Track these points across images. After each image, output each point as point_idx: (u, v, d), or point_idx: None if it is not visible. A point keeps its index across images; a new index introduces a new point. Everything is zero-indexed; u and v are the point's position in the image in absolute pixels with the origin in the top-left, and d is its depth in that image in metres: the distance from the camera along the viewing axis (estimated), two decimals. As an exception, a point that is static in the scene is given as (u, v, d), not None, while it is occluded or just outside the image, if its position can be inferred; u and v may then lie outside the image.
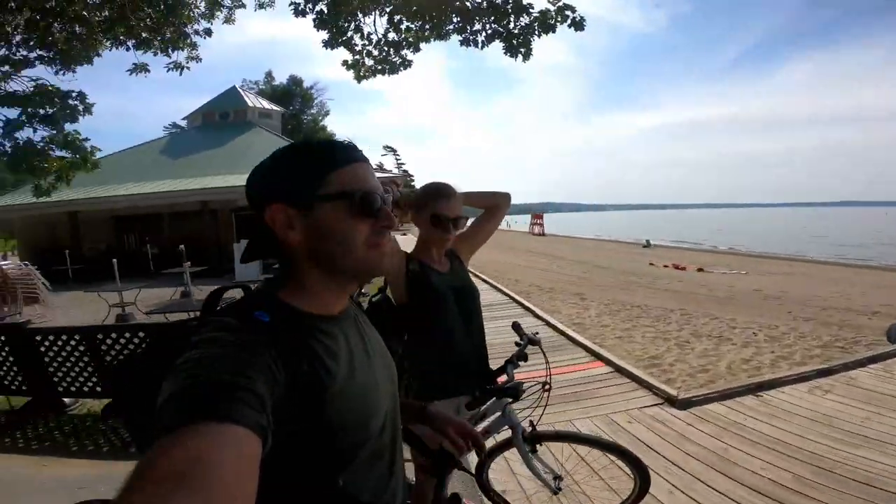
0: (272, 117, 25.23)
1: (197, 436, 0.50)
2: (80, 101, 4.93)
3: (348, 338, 0.82)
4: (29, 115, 4.65)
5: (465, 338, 1.80)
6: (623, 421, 3.70)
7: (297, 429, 0.67)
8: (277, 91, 45.45)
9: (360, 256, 0.79)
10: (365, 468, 0.79)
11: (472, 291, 1.89)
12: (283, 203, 0.77)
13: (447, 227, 1.76)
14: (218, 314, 0.72)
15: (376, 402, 0.82)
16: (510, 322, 2.33)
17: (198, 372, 0.58)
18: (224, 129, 22.62)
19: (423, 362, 1.75)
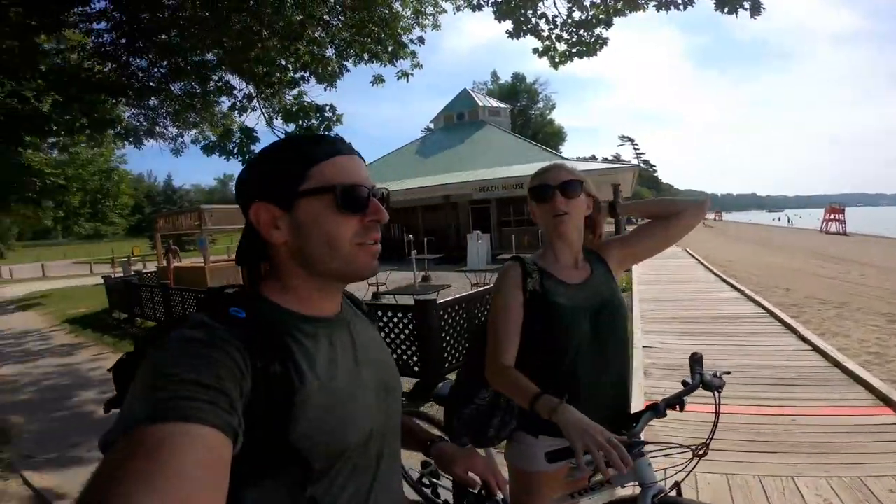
0: (501, 115, 26.55)
1: (160, 436, 0.49)
2: (332, 113, 5.91)
3: (333, 342, 0.77)
4: (299, 129, 5.83)
5: (595, 368, 1.40)
6: (881, 489, 2.56)
7: (264, 432, 0.64)
8: (504, 89, 47.33)
9: (347, 256, 0.75)
10: (341, 482, 0.73)
11: (616, 310, 1.45)
12: (266, 201, 0.74)
13: (549, 194, 1.39)
14: (199, 310, 0.71)
15: (357, 414, 0.76)
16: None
17: (163, 370, 0.57)
18: (460, 129, 24.95)
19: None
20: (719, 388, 1.42)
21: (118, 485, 0.44)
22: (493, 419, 1.47)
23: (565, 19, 5.85)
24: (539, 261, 1.45)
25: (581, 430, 1.08)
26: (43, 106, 5.97)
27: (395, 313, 4.75)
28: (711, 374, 1.44)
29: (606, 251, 1.53)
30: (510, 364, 1.33)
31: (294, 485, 0.69)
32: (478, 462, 1.01)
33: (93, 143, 10.47)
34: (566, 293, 1.39)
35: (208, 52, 6.20)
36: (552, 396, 1.19)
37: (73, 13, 5.33)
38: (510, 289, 1.38)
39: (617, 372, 1.44)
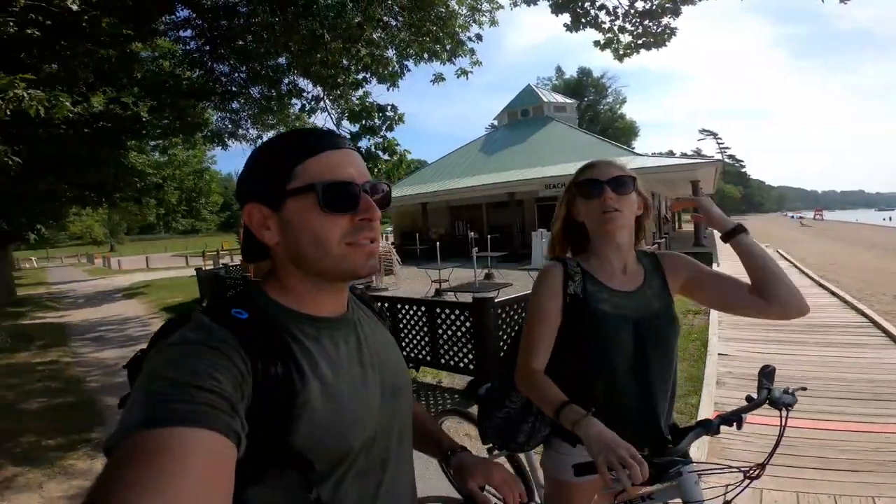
0: (567, 110, 25.72)
1: (160, 441, 0.49)
2: (394, 112, 6.05)
3: (336, 343, 0.75)
4: (363, 128, 6.03)
5: (635, 383, 1.28)
6: None
7: (266, 434, 0.63)
8: (570, 84, 45.81)
9: (337, 256, 0.72)
10: (345, 486, 0.72)
11: (667, 324, 1.31)
12: (257, 202, 0.73)
13: (598, 190, 1.28)
14: (203, 311, 0.69)
15: (360, 416, 0.74)
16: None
17: (162, 374, 0.56)
18: (525, 126, 24.47)
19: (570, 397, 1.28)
20: (789, 405, 1.24)
21: (117, 492, 0.44)
22: (523, 424, 1.41)
23: (627, 10, 5.54)
24: (583, 263, 1.34)
25: (603, 444, 1.02)
26: (141, 111, 6.68)
27: (452, 310, 4.75)
28: (782, 390, 1.26)
29: (672, 269, 1.38)
30: (540, 369, 1.26)
31: (297, 487, 0.68)
32: (496, 476, 0.95)
33: (187, 145, 11.53)
34: (610, 300, 1.28)
35: (279, 57, 6.59)
36: (578, 408, 1.12)
37: (162, 22, 5.93)
38: (548, 291, 1.29)
39: (661, 388, 1.30)
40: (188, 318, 0.68)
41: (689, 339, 5.79)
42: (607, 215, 1.27)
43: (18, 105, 3.06)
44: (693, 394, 4.05)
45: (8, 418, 4.31)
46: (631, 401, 1.27)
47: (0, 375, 5.89)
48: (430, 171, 24.90)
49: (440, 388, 4.83)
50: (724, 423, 1.22)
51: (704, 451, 2.97)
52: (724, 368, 4.63)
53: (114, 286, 18.63)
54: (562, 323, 1.29)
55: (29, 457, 3.53)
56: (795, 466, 2.78)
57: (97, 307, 12.82)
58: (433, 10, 6.24)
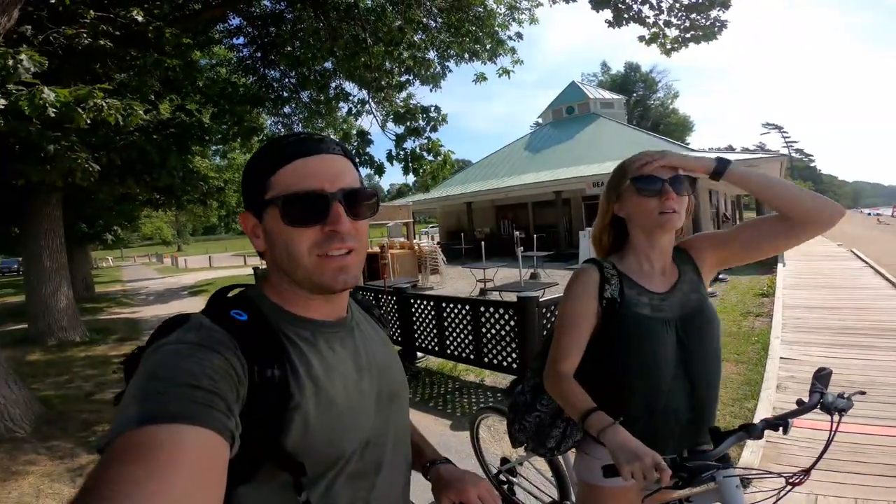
0: (614, 106, 24.85)
1: (154, 438, 0.49)
2: (437, 113, 6.11)
3: (333, 348, 0.76)
4: (408, 130, 6.14)
5: (677, 387, 1.22)
6: None
7: (258, 435, 0.63)
8: (616, 80, 44.24)
9: (308, 268, 0.71)
10: (336, 489, 0.72)
11: (708, 321, 1.25)
12: (248, 209, 0.75)
13: (658, 188, 1.19)
14: (203, 311, 0.71)
15: (354, 422, 0.74)
16: None
17: (158, 372, 0.57)
18: (571, 123, 23.86)
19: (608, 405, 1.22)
20: (843, 410, 1.16)
21: (107, 490, 0.44)
22: (554, 430, 1.39)
23: (672, 3, 5.30)
24: (619, 264, 1.28)
25: (629, 453, 1.01)
26: (203, 117, 7.14)
27: (496, 309, 4.75)
28: (837, 395, 1.19)
29: (697, 251, 1.32)
30: (570, 373, 1.24)
31: (288, 488, 0.68)
32: (470, 493, 0.88)
33: (244, 149, 12.17)
34: (650, 303, 1.23)
35: (325, 62, 6.84)
36: (605, 415, 1.10)
37: (217, 30, 6.31)
38: (583, 295, 1.25)
39: (707, 389, 1.25)
40: (187, 317, 0.68)
41: (748, 342, 5.48)
42: (665, 217, 1.20)
43: (98, 114, 3.37)
44: (750, 398, 3.84)
45: (86, 408, 4.66)
46: (677, 404, 1.23)
47: (80, 367, 6.39)
48: (475, 171, 24.88)
49: (483, 387, 4.84)
50: (770, 427, 1.15)
51: (759, 455, 2.83)
52: (786, 373, 4.34)
53: (181, 284, 19.88)
54: (598, 328, 1.25)
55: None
56: (856, 473, 2.67)
57: (166, 304, 13.79)
58: (471, 11, 6.25)
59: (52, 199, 7.38)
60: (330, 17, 6.01)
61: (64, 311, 7.82)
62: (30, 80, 3.08)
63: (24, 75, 2.99)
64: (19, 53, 2.98)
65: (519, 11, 6.68)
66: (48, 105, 3.07)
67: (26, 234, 7.57)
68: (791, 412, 1.17)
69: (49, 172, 4.85)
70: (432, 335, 5.46)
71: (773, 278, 9.65)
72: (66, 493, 3.08)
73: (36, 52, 3.17)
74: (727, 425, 3.42)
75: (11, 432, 3.87)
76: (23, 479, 3.25)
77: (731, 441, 1.14)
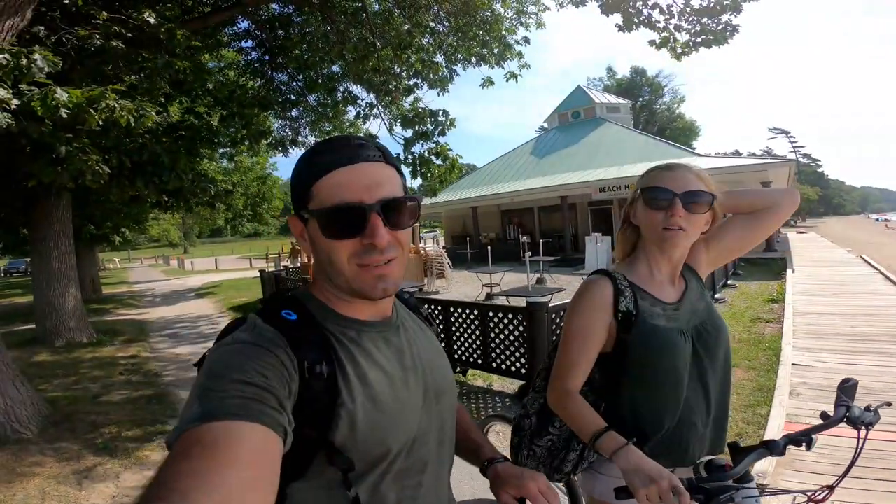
0: (620, 111, 24.83)
1: (214, 434, 0.51)
2: (445, 117, 6.12)
3: (379, 347, 0.77)
4: (416, 134, 6.14)
5: (693, 400, 1.18)
6: None
7: (308, 431, 0.66)
8: (622, 84, 44.24)
9: (348, 276, 0.73)
10: (384, 486, 0.73)
11: (719, 329, 1.22)
12: (296, 214, 0.77)
13: (667, 201, 1.14)
14: (258, 312, 0.72)
15: (400, 419, 0.74)
16: None
17: (216, 371, 0.60)
18: (576, 128, 23.86)
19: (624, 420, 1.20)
20: (870, 424, 1.10)
21: (175, 482, 0.47)
22: (570, 453, 1.29)
23: (683, 8, 5.29)
24: (629, 274, 1.23)
25: (644, 475, 0.96)
26: (212, 120, 7.17)
27: (504, 314, 4.72)
28: (864, 408, 1.13)
29: (693, 256, 1.29)
30: (576, 390, 1.18)
31: (337, 484, 0.69)
32: (530, 487, 0.88)
33: (251, 152, 12.25)
34: (664, 313, 1.18)
35: (333, 65, 6.87)
36: (618, 435, 1.06)
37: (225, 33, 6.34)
38: (594, 309, 1.18)
39: (721, 400, 1.21)
40: (244, 319, 0.71)
41: (759, 349, 5.42)
42: (668, 233, 1.15)
43: (111, 115, 3.39)
44: (763, 404, 3.78)
45: (93, 410, 4.66)
46: (695, 413, 1.19)
47: (87, 368, 6.41)
48: (481, 175, 24.90)
49: (490, 392, 4.80)
50: (792, 443, 1.10)
51: (773, 462, 2.78)
52: (799, 379, 4.28)
53: (187, 286, 19.97)
54: (613, 342, 1.19)
55: (109, 447, 3.74)
56: (871, 479, 2.63)
57: (173, 305, 13.82)
58: (478, 15, 6.28)
59: (62, 201, 7.43)
60: (338, 20, 6.04)
61: (72, 312, 7.86)
62: (43, 80, 3.10)
63: (38, 75, 3.01)
64: (33, 53, 2.99)
65: (526, 16, 6.72)
66: (61, 106, 3.09)
67: (35, 236, 7.62)
68: (815, 427, 1.12)
69: (60, 174, 4.88)
70: (440, 339, 5.41)
71: (783, 284, 9.56)
72: (71, 496, 3.06)
73: (49, 52, 3.18)
74: (740, 431, 3.37)
75: (18, 433, 3.86)
76: (28, 480, 3.24)
77: (752, 458, 1.09)
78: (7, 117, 3.04)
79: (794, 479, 2.67)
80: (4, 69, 2.81)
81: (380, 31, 6.08)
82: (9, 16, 3.13)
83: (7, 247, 15.07)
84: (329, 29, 6.25)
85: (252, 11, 6.70)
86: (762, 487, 1.17)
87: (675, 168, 1.18)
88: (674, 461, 1.17)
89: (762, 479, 2.67)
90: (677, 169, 1.18)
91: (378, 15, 6.34)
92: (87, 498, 3.06)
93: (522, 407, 1.43)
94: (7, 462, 3.47)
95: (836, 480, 1.06)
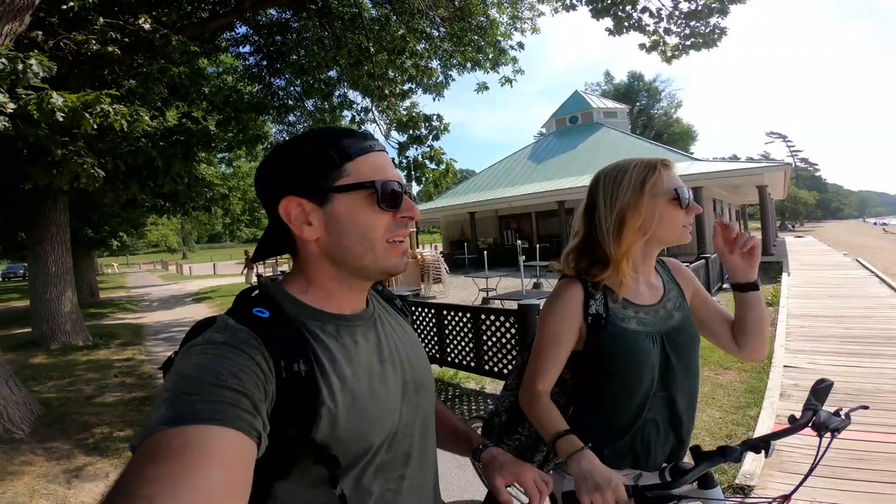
0: (617, 115, 24.95)
1: (182, 439, 0.50)
2: (439, 122, 6.18)
3: (356, 340, 0.76)
4: (410, 138, 6.20)
5: (660, 405, 1.20)
6: None
7: (289, 430, 0.65)
8: (619, 89, 44.49)
9: (379, 252, 0.74)
10: (366, 480, 0.73)
11: (692, 338, 1.24)
12: (298, 196, 0.72)
13: (689, 202, 1.18)
14: (229, 312, 0.71)
15: (380, 413, 0.74)
16: None
17: (186, 374, 0.58)
18: (574, 133, 23.93)
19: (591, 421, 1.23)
20: (836, 430, 1.07)
21: (141, 489, 0.45)
22: (536, 454, 1.32)
23: (671, 11, 5.37)
24: (603, 277, 1.22)
25: (592, 483, 0.99)
26: (209, 125, 7.22)
27: (497, 317, 4.73)
28: (832, 412, 1.10)
29: (684, 278, 1.33)
30: (546, 392, 1.21)
31: (322, 482, 0.69)
32: (527, 475, 0.90)
33: (249, 157, 12.31)
34: (636, 316, 1.19)
35: (329, 70, 6.95)
36: (576, 439, 1.08)
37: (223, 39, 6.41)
38: (565, 312, 1.19)
39: (686, 405, 1.23)
40: (214, 319, 0.70)
41: (751, 351, 5.44)
42: (686, 230, 1.19)
43: (105, 119, 3.42)
44: (754, 405, 3.80)
45: (86, 411, 4.64)
46: (658, 417, 1.20)
47: (82, 370, 6.39)
48: (478, 180, 24.96)
49: (483, 394, 4.81)
50: (750, 449, 1.08)
51: (759, 464, 2.79)
52: (790, 381, 4.31)
53: (185, 291, 19.91)
54: (585, 345, 1.21)
55: (100, 447, 3.74)
56: (861, 480, 2.65)
57: (170, 310, 13.82)
58: (473, 20, 6.36)
59: (59, 205, 7.46)
60: (335, 26, 6.11)
61: (68, 316, 7.86)
62: (39, 84, 3.14)
63: (34, 80, 3.04)
64: (29, 58, 3.03)
65: (521, 21, 6.82)
66: (57, 109, 3.12)
67: (33, 239, 7.64)
68: (776, 433, 1.12)
69: (56, 177, 4.91)
70: (433, 343, 5.44)
71: (778, 287, 9.59)
72: (60, 494, 3.06)
73: (45, 57, 3.22)
74: (730, 433, 3.38)
75: (10, 433, 3.86)
76: (18, 479, 3.23)
77: (706, 466, 1.08)
78: (4, 121, 3.07)
79: (783, 481, 2.68)
80: (1, 74, 2.85)
81: (375, 37, 6.15)
82: (7, 21, 3.18)
83: (4, 250, 15.06)
84: (326, 34, 6.33)
85: (250, 17, 6.78)
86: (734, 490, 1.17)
87: (672, 166, 1.21)
88: (637, 464, 1.19)
89: (749, 480, 2.68)
90: (672, 169, 1.21)
91: (374, 20, 6.42)
92: (76, 496, 3.07)
93: (493, 404, 1.45)
94: (-3, 461, 3.47)
95: (793, 489, 1.05)
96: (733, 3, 5.02)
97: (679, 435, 1.23)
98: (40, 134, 3.99)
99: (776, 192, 22.25)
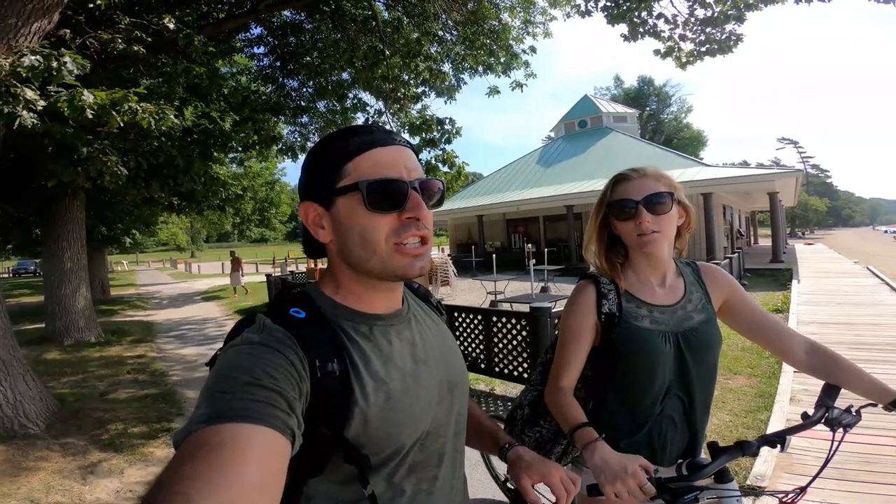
0: (627, 120, 24.85)
1: (220, 437, 0.51)
2: (451, 125, 6.23)
3: (390, 340, 0.76)
4: (423, 141, 6.25)
5: (674, 402, 1.25)
6: None
7: (322, 429, 0.66)
8: (629, 94, 44.38)
9: (383, 256, 0.71)
10: (398, 479, 0.73)
11: (709, 339, 1.25)
12: (311, 200, 0.74)
13: (632, 211, 1.20)
14: (266, 312, 0.72)
15: (413, 413, 0.74)
16: None
17: (225, 373, 0.60)
18: (583, 137, 23.86)
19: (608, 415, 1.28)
20: (848, 426, 1.13)
21: (178, 485, 0.46)
22: (555, 447, 1.37)
23: (687, 18, 5.38)
24: (620, 277, 1.28)
25: (610, 472, 1.00)
26: (225, 125, 7.32)
27: (508, 319, 4.77)
28: (844, 409, 1.15)
29: (714, 282, 1.33)
30: (569, 387, 1.26)
31: (353, 480, 0.69)
32: (553, 474, 0.88)
33: (261, 157, 12.45)
34: (649, 315, 1.24)
35: (343, 72, 7.03)
36: (593, 430, 1.11)
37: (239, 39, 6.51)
38: (580, 310, 1.26)
39: (701, 403, 1.27)
40: (253, 318, 0.70)
41: (762, 357, 5.42)
42: (644, 238, 1.21)
43: (133, 117, 3.50)
44: (764, 409, 3.82)
45: (99, 407, 4.71)
46: (673, 416, 1.25)
47: (95, 366, 6.50)
48: (486, 184, 24.99)
49: (493, 396, 4.85)
50: (766, 444, 1.12)
51: (771, 465, 2.81)
52: (800, 385, 4.31)
53: (194, 289, 20.13)
54: (600, 342, 1.26)
55: (115, 443, 3.79)
56: (870, 482, 2.66)
57: (179, 308, 13.96)
58: (486, 24, 6.42)
59: (77, 202, 7.58)
60: (348, 28, 6.19)
61: (81, 312, 7.97)
62: (72, 81, 3.22)
63: (68, 77, 3.12)
64: (63, 55, 3.11)
65: (533, 25, 6.85)
66: (87, 107, 3.20)
67: (49, 235, 7.75)
68: (790, 428, 1.15)
69: (80, 174, 4.99)
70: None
71: (788, 294, 9.55)
72: (76, 490, 3.09)
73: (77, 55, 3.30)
74: (740, 436, 3.40)
75: (25, 428, 3.89)
76: (34, 475, 3.26)
77: (724, 459, 1.11)
78: (33, 118, 3.15)
79: (793, 482, 2.69)
80: (35, 71, 2.93)
81: (389, 40, 6.22)
82: (37, 18, 3.26)
83: (18, 246, 15.29)
84: (340, 36, 6.42)
85: (265, 18, 6.88)
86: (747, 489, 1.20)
87: (632, 177, 1.24)
88: (654, 458, 1.22)
89: (760, 481, 2.70)
90: (633, 178, 1.23)
91: (388, 23, 6.50)
92: (91, 492, 3.09)
93: (517, 398, 1.50)
94: (13, 456, 3.51)
95: (808, 482, 1.09)
96: (749, 9, 5.01)
97: (694, 431, 1.27)
98: (67, 131, 4.08)
99: (787, 199, 22.10)
